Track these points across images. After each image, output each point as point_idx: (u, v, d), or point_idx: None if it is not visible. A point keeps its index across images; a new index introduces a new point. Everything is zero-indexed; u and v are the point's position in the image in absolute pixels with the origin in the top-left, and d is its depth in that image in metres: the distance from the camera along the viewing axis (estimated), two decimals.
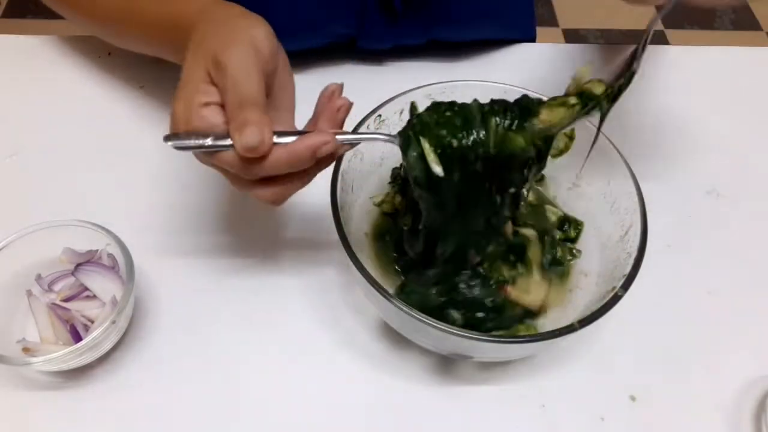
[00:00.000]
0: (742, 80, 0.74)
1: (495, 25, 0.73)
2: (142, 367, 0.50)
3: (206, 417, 0.48)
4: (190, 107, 0.41)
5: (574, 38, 1.88)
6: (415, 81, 0.56)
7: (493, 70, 0.73)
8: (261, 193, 0.43)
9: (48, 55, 0.72)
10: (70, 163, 0.63)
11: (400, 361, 0.51)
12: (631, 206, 0.50)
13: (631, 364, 0.52)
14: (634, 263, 0.46)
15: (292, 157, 0.41)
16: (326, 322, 0.53)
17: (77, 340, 0.48)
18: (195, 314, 0.53)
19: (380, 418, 0.49)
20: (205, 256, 0.57)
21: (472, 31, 0.72)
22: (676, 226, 0.60)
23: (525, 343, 0.46)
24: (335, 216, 0.47)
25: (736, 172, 0.65)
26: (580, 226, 0.55)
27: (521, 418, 0.49)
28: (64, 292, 0.51)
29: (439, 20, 0.69)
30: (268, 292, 0.55)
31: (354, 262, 0.45)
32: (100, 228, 0.50)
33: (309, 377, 0.50)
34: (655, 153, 0.66)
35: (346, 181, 0.52)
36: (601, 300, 0.46)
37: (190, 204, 0.60)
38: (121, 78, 0.69)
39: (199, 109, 0.41)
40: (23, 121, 0.66)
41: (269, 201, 0.44)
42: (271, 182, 0.43)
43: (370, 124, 0.54)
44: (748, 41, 1.91)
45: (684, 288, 0.56)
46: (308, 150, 0.42)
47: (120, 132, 0.65)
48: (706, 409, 0.50)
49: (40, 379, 0.50)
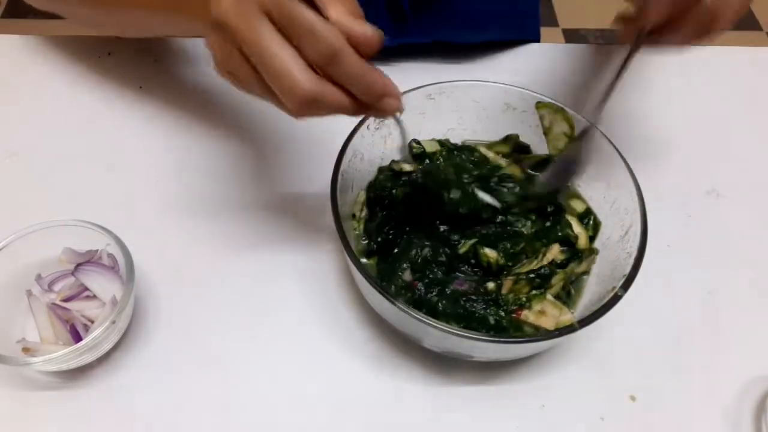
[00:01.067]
0: (742, 80, 0.74)
1: (502, 27, 0.73)
2: (142, 367, 0.50)
3: (206, 417, 0.48)
4: None
5: (574, 38, 1.88)
6: (419, 81, 0.56)
7: (495, 71, 0.72)
8: (302, 84, 0.37)
9: (48, 55, 0.72)
10: (70, 163, 0.63)
11: (400, 361, 0.51)
12: (631, 206, 0.50)
13: (631, 364, 0.52)
14: (634, 263, 0.46)
15: (370, 77, 0.38)
16: (327, 323, 0.53)
17: (77, 340, 0.48)
18: (195, 314, 0.53)
19: (380, 417, 0.49)
20: (206, 256, 0.57)
21: (479, 33, 0.72)
22: (676, 226, 0.60)
23: (525, 343, 0.46)
24: (335, 216, 0.47)
25: (736, 172, 0.65)
26: (599, 226, 0.54)
27: (521, 418, 0.49)
28: (64, 292, 0.51)
29: (446, 22, 0.69)
30: (269, 292, 0.55)
31: (354, 262, 0.45)
32: (100, 228, 0.50)
33: (309, 377, 0.50)
34: (655, 153, 0.66)
35: (346, 180, 0.52)
36: (601, 300, 0.46)
37: (190, 204, 0.60)
38: (120, 78, 0.69)
39: None
40: (23, 122, 0.66)
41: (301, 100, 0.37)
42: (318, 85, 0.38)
43: (370, 123, 0.54)
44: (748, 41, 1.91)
45: (684, 288, 0.56)
46: (384, 86, 0.39)
47: (120, 132, 0.65)
48: (706, 409, 0.50)
49: (40, 379, 0.50)
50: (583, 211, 0.55)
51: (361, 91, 0.39)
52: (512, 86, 0.57)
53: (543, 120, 0.57)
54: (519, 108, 0.58)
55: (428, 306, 0.48)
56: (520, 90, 0.57)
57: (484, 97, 0.58)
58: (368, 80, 0.39)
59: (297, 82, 0.37)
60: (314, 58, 0.37)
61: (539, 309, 0.48)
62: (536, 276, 0.50)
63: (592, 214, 0.55)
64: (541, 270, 0.50)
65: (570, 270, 0.51)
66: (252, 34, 0.37)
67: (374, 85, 0.39)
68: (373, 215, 0.54)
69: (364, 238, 0.53)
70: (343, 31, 0.37)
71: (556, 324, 0.48)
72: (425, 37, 0.70)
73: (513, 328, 0.48)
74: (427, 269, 0.50)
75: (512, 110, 0.58)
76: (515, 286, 0.49)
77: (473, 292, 0.49)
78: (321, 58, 0.37)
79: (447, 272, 0.50)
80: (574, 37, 1.89)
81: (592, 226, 0.54)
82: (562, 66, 0.72)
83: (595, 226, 0.54)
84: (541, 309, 0.48)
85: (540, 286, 0.50)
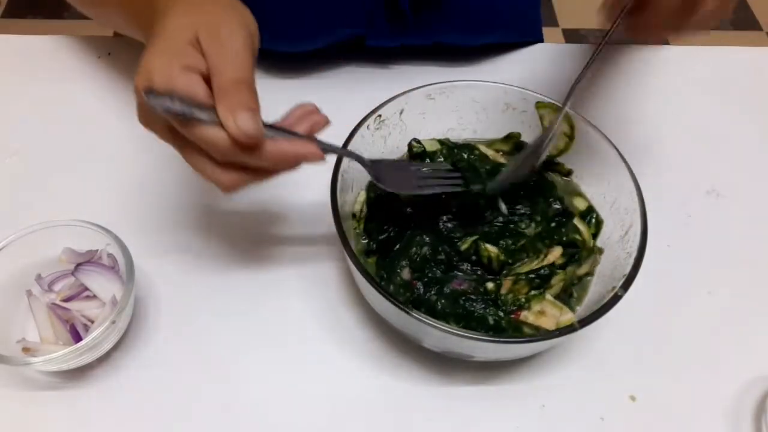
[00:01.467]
0: (742, 80, 0.74)
1: (504, 30, 0.73)
2: (142, 367, 0.50)
3: (206, 417, 0.48)
4: (172, 65, 0.39)
5: (574, 38, 1.88)
6: (419, 83, 0.56)
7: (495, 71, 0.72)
8: (221, 177, 0.41)
9: (48, 55, 0.72)
10: (70, 163, 0.63)
11: (400, 361, 0.51)
12: (631, 206, 0.50)
13: (631, 364, 0.52)
14: (634, 263, 0.46)
15: (278, 157, 0.40)
16: (327, 322, 0.53)
17: (77, 340, 0.48)
18: (195, 314, 0.53)
19: (380, 417, 0.49)
20: (206, 256, 0.57)
21: (480, 35, 0.72)
22: (676, 226, 0.60)
23: (525, 343, 0.46)
24: (335, 216, 0.47)
25: (736, 172, 0.65)
26: (601, 224, 0.54)
27: (521, 418, 0.49)
28: (64, 292, 0.51)
29: (447, 24, 0.69)
30: (269, 291, 0.55)
31: (353, 262, 0.45)
32: (100, 228, 0.50)
33: (309, 377, 0.50)
34: (655, 153, 0.66)
35: (346, 180, 0.52)
36: (601, 300, 0.46)
37: (190, 204, 0.60)
38: (121, 78, 0.69)
39: (183, 72, 0.39)
40: (23, 121, 0.66)
41: (225, 187, 0.42)
42: (235, 168, 0.41)
43: (370, 123, 0.54)
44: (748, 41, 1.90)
45: (684, 288, 0.56)
46: (297, 157, 0.41)
47: (120, 132, 0.65)
48: (706, 409, 0.50)
49: (40, 379, 0.50)
50: (585, 208, 0.55)
51: (274, 168, 0.42)
52: (512, 86, 0.57)
53: (543, 120, 0.57)
54: (519, 108, 0.58)
55: (427, 305, 0.48)
56: (520, 90, 0.57)
57: (484, 97, 0.58)
58: (275, 160, 0.41)
59: (215, 178, 0.41)
60: (219, 159, 0.41)
61: (539, 309, 0.48)
62: (536, 276, 0.50)
63: (594, 212, 0.55)
64: (540, 270, 0.50)
65: (571, 271, 0.51)
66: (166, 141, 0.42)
67: (284, 160, 0.41)
68: (373, 215, 0.54)
69: (364, 238, 0.53)
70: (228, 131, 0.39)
71: (557, 324, 0.48)
72: (426, 39, 0.70)
73: (512, 328, 0.48)
74: (426, 268, 0.50)
75: (512, 110, 0.58)
76: (515, 286, 0.49)
77: (473, 292, 0.49)
78: (223, 158, 0.40)
79: (446, 271, 0.50)
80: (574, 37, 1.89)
81: (595, 223, 0.54)
82: (562, 66, 0.72)
83: (597, 224, 0.54)
84: (540, 309, 0.48)
85: (539, 286, 0.50)
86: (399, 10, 0.65)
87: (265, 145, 0.40)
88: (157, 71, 0.39)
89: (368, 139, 0.54)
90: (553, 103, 0.56)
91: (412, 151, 0.57)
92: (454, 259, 0.51)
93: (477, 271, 0.51)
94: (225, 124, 0.38)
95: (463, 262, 0.51)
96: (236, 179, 0.42)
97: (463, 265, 0.51)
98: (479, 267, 0.51)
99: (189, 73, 0.39)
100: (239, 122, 0.38)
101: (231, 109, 0.39)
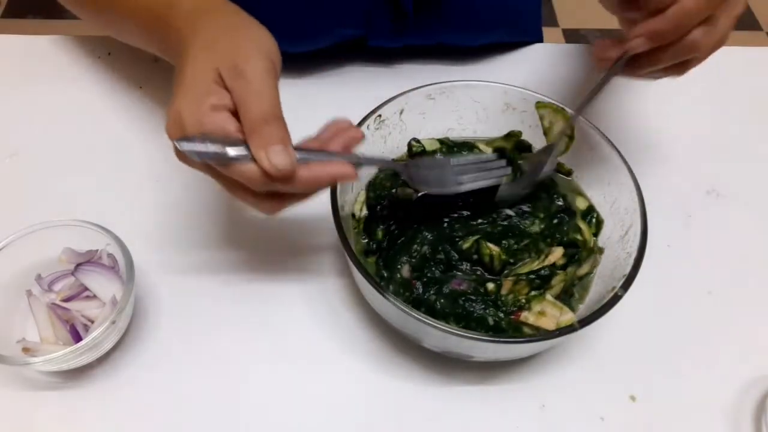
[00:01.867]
0: (742, 80, 0.74)
1: (505, 31, 0.73)
2: (142, 367, 0.50)
3: (206, 417, 0.48)
4: (200, 108, 0.40)
5: (574, 38, 1.88)
6: (420, 83, 0.56)
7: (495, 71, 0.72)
8: (263, 204, 0.43)
9: (48, 55, 0.72)
10: (70, 163, 0.63)
11: (400, 361, 0.51)
12: (631, 206, 0.50)
13: (631, 364, 0.52)
14: (634, 263, 0.46)
15: (312, 182, 0.42)
16: (326, 322, 0.53)
17: (77, 340, 0.48)
18: (195, 314, 0.53)
19: (380, 418, 0.49)
20: (205, 255, 0.57)
21: (482, 35, 0.72)
22: (676, 226, 0.60)
23: (525, 343, 0.46)
24: (335, 216, 0.47)
25: (736, 172, 0.65)
26: (601, 223, 0.54)
27: (521, 418, 0.49)
28: (64, 292, 0.51)
29: (449, 24, 0.69)
30: (268, 291, 0.55)
31: (354, 262, 0.45)
32: (100, 228, 0.50)
33: (309, 377, 0.50)
34: (655, 153, 0.66)
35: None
36: (601, 300, 0.46)
37: (191, 204, 0.60)
38: (120, 78, 0.69)
39: (211, 113, 0.40)
40: (23, 121, 0.66)
41: (268, 212, 0.44)
42: (274, 196, 0.43)
43: (370, 123, 0.54)
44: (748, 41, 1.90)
45: (684, 288, 0.56)
46: (330, 179, 0.42)
47: (120, 132, 0.65)
48: (706, 409, 0.50)
49: (40, 379, 0.50)
50: (585, 208, 0.55)
51: (310, 193, 0.43)
52: (512, 86, 0.57)
53: (543, 120, 0.57)
54: (519, 108, 0.58)
55: (427, 305, 0.48)
56: (520, 90, 0.57)
57: (484, 97, 0.58)
58: (309, 185, 0.42)
59: (256, 206, 0.44)
60: (259, 192, 0.42)
61: (539, 310, 0.48)
62: (536, 277, 0.50)
63: (594, 212, 0.55)
64: (541, 271, 0.50)
65: (571, 272, 0.51)
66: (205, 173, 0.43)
67: (318, 184, 0.42)
68: (373, 214, 0.54)
69: (364, 237, 0.53)
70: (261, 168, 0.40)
71: (557, 324, 0.48)
72: (427, 39, 0.70)
73: (512, 329, 0.48)
74: (425, 267, 0.50)
75: (512, 110, 0.58)
76: (515, 287, 0.49)
77: (472, 292, 0.49)
78: (262, 192, 0.42)
79: (445, 270, 0.50)
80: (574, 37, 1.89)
81: (595, 223, 0.54)
82: (562, 66, 0.72)
83: (598, 223, 0.54)
84: (540, 310, 0.48)
85: (540, 287, 0.50)
86: (401, 11, 0.65)
87: (299, 172, 0.41)
88: (187, 115, 0.40)
89: (368, 139, 0.54)
90: (553, 103, 0.56)
91: (412, 151, 0.57)
92: (453, 259, 0.51)
93: (477, 271, 0.51)
94: (258, 161, 0.39)
95: (463, 262, 0.51)
96: (276, 206, 0.44)
97: (462, 265, 0.51)
98: (479, 267, 0.51)
99: (218, 112, 0.40)
100: (272, 158, 0.39)
101: (263, 146, 0.39)
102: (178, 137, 0.40)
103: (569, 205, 0.55)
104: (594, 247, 0.53)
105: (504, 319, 0.48)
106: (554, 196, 0.55)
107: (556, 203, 0.54)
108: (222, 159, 0.40)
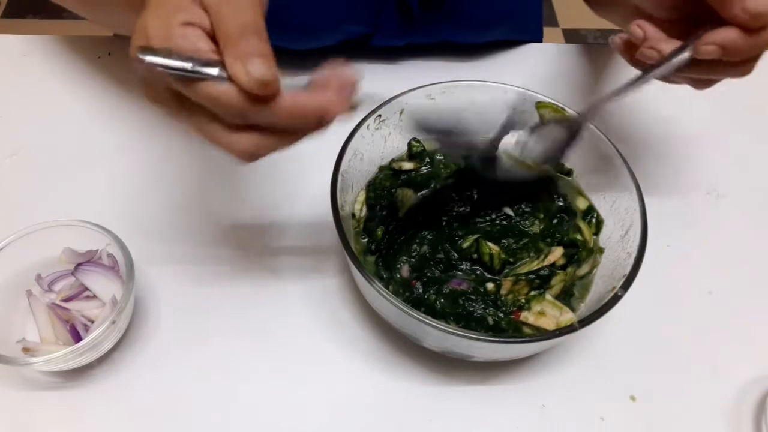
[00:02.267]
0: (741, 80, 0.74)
1: (507, 28, 0.73)
2: (142, 367, 0.50)
3: (206, 417, 0.48)
4: (169, 23, 0.35)
5: (574, 38, 1.88)
6: (423, 80, 0.56)
7: (496, 70, 0.72)
8: (239, 142, 0.36)
9: (47, 55, 0.72)
10: (70, 163, 0.63)
11: (400, 361, 0.51)
12: (631, 206, 0.50)
13: (631, 364, 0.52)
14: (634, 263, 0.46)
15: (297, 112, 0.35)
16: (326, 322, 0.53)
17: (77, 340, 0.48)
18: (195, 314, 0.53)
19: (380, 418, 0.49)
20: (205, 255, 0.57)
21: (485, 33, 0.72)
22: (676, 226, 0.60)
23: (525, 343, 0.46)
24: (335, 215, 0.47)
25: (736, 172, 0.65)
26: (601, 223, 0.54)
27: (521, 418, 0.49)
28: (64, 292, 0.51)
29: (453, 22, 0.69)
30: (268, 290, 0.55)
31: (354, 262, 0.45)
32: (100, 228, 0.50)
33: (309, 377, 0.50)
34: (655, 153, 0.66)
35: (346, 180, 0.52)
36: (601, 300, 0.46)
37: (191, 204, 0.60)
38: (120, 78, 0.69)
39: (181, 27, 0.34)
40: (23, 121, 0.66)
41: (243, 154, 0.37)
42: (250, 131, 0.36)
43: (370, 123, 0.54)
44: None
45: (684, 288, 0.56)
46: (318, 110, 0.36)
47: (120, 132, 0.65)
48: (706, 409, 0.50)
49: (40, 379, 0.50)
50: (585, 208, 0.55)
51: (294, 128, 0.37)
52: (512, 86, 0.57)
53: (543, 120, 0.57)
54: (519, 108, 0.58)
55: (426, 305, 0.48)
56: (520, 90, 0.57)
57: (484, 97, 0.58)
58: (294, 115, 0.36)
59: (229, 144, 0.36)
60: (230, 120, 0.36)
61: (539, 310, 0.48)
62: (536, 277, 0.50)
63: (594, 212, 0.55)
64: (541, 271, 0.50)
65: (571, 272, 0.51)
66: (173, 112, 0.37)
67: (304, 117, 0.36)
68: (373, 214, 0.54)
69: (364, 237, 0.53)
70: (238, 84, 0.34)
71: (557, 324, 0.48)
72: (431, 37, 0.71)
73: (512, 329, 0.48)
74: (425, 267, 0.50)
75: (512, 110, 0.58)
76: (515, 287, 0.49)
77: (472, 292, 0.49)
78: (235, 119, 0.36)
79: (445, 270, 0.50)
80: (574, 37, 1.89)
81: (595, 223, 0.54)
82: (562, 66, 0.72)
83: (598, 223, 0.54)
84: (540, 310, 0.48)
85: (539, 287, 0.50)
86: (407, 7, 0.66)
87: (282, 100, 0.35)
88: (154, 28, 0.35)
89: (368, 139, 0.54)
90: (553, 103, 0.56)
91: (412, 151, 0.57)
92: (453, 259, 0.51)
93: (476, 271, 0.51)
94: (234, 75, 0.34)
95: (462, 262, 0.51)
96: (252, 143, 0.36)
97: (462, 265, 0.51)
98: (479, 266, 0.51)
99: (190, 27, 0.35)
100: (250, 68, 0.33)
101: (240, 57, 0.34)
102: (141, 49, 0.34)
103: (569, 204, 0.55)
104: (594, 247, 0.53)
105: (504, 319, 0.48)
106: (555, 196, 0.55)
107: (556, 203, 0.54)
108: (190, 75, 0.34)
